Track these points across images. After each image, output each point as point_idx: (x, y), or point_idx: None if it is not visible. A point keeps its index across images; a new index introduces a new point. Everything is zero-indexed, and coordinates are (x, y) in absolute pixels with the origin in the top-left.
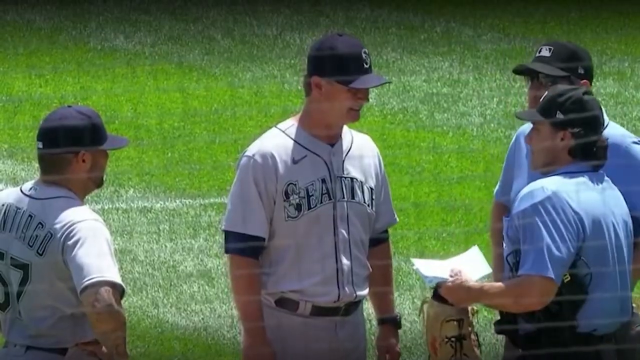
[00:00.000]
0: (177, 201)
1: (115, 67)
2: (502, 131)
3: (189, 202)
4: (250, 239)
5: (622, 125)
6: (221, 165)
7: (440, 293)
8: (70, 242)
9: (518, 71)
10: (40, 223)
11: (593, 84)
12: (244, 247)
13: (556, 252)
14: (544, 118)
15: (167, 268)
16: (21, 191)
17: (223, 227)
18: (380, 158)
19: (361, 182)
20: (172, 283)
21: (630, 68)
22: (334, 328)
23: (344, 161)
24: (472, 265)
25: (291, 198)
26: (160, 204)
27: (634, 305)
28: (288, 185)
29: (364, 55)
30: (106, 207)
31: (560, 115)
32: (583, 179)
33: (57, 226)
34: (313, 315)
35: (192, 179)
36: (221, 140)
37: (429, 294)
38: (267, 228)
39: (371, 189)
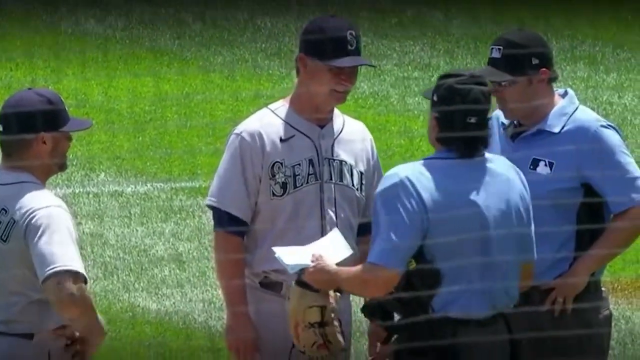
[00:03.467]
0: (148, 185)
1: (86, 51)
2: None
3: (160, 186)
4: (238, 220)
5: (593, 108)
6: (193, 150)
7: (303, 279)
8: (31, 230)
9: None
10: (3, 209)
11: (563, 67)
12: (228, 224)
13: (397, 242)
14: (430, 98)
15: (138, 252)
16: None
17: (207, 202)
18: (374, 146)
19: (351, 165)
20: (144, 267)
21: (601, 52)
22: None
23: (333, 144)
24: (333, 249)
25: (277, 176)
26: (132, 188)
27: (603, 289)
28: (274, 163)
29: (349, 37)
30: (77, 191)
31: (435, 99)
32: (451, 167)
33: (19, 212)
34: None
35: (164, 163)
36: (193, 124)
37: None
38: (249, 209)
39: (361, 173)
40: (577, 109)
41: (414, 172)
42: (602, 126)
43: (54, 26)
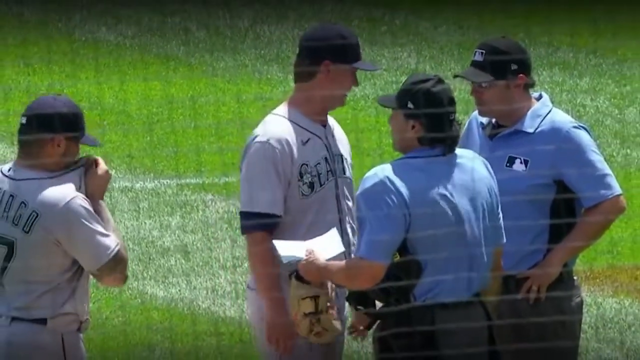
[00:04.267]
0: (157, 181)
1: (99, 57)
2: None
3: (168, 182)
4: (267, 216)
5: (567, 110)
6: (198, 148)
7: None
8: (60, 226)
9: (456, 77)
10: (22, 202)
11: (540, 72)
12: (263, 223)
13: (381, 237)
14: (397, 107)
15: (146, 243)
16: (1, 172)
17: (242, 209)
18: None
19: (346, 158)
20: (151, 257)
21: (575, 58)
22: (335, 296)
23: (334, 141)
24: (327, 245)
25: (304, 177)
26: (141, 184)
27: (575, 278)
28: (302, 166)
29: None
30: None
31: (410, 106)
32: (426, 164)
33: (41, 207)
34: None
35: (171, 161)
36: (198, 124)
37: None
38: (283, 206)
39: (351, 164)
40: (550, 110)
41: (393, 172)
42: (574, 127)
43: (69, 34)
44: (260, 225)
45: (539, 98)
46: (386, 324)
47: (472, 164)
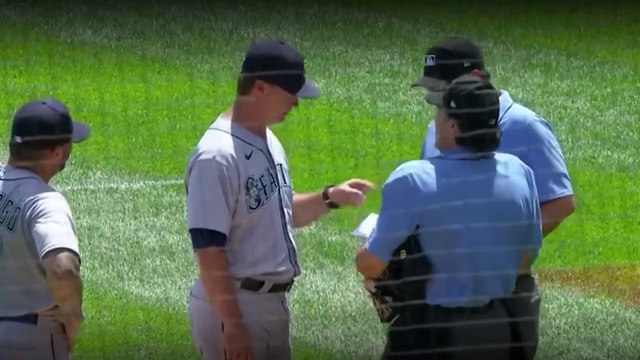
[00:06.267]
0: (141, 182)
1: (83, 59)
2: None
3: (152, 183)
4: (215, 233)
5: (548, 112)
6: (181, 150)
7: None
8: (34, 215)
9: (414, 86)
10: (9, 201)
11: (521, 75)
12: (215, 240)
13: (386, 233)
14: (443, 105)
15: (131, 244)
16: None
17: (190, 226)
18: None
19: (284, 167)
20: (136, 258)
21: (556, 60)
22: (281, 302)
23: (273, 151)
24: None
25: (251, 191)
26: (125, 185)
27: (534, 276)
28: (248, 179)
29: (304, 66)
30: (75, 189)
31: (453, 105)
32: (455, 166)
33: (23, 202)
34: (270, 292)
35: (155, 162)
36: (181, 126)
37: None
38: (229, 224)
39: (288, 171)
40: (511, 106)
41: (418, 170)
42: (535, 120)
43: (54, 36)
44: (213, 242)
45: (499, 95)
46: (402, 321)
47: (506, 170)
